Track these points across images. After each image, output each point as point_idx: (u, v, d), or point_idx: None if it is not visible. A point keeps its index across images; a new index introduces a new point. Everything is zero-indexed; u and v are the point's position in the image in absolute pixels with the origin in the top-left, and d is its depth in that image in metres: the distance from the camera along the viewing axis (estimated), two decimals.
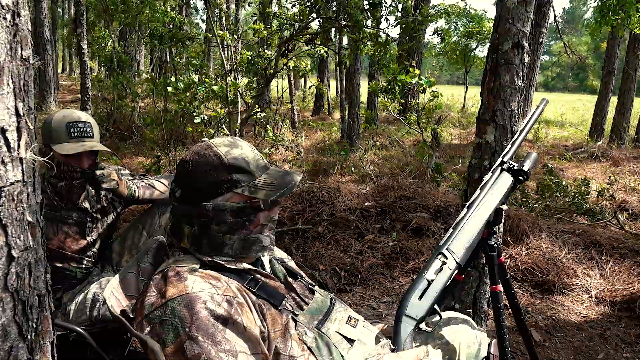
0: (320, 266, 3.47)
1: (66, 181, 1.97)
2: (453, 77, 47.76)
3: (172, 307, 1.02)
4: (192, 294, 1.04)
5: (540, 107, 1.77)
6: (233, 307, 1.05)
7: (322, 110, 15.01)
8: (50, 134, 1.91)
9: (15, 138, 0.83)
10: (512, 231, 3.80)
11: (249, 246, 1.21)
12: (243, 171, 1.19)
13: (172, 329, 1.01)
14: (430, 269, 1.35)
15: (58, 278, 2.00)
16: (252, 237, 1.21)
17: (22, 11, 0.83)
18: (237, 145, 1.22)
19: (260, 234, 1.22)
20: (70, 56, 25.10)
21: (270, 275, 1.26)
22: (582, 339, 2.76)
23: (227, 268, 1.18)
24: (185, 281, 1.07)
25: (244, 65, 5.39)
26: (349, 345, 1.22)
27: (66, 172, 1.96)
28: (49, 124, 1.92)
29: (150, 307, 1.05)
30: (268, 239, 1.24)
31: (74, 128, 1.93)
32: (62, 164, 1.94)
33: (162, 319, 1.02)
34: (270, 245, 1.25)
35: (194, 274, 1.10)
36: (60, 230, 1.99)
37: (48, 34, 10.79)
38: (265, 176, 1.23)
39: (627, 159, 7.83)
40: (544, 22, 8.97)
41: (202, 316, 1.01)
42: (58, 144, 1.90)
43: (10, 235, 0.83)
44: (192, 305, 1.02)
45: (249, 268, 1.21)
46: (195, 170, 1.18)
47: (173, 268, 1.13)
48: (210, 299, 1.04)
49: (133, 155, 6.83)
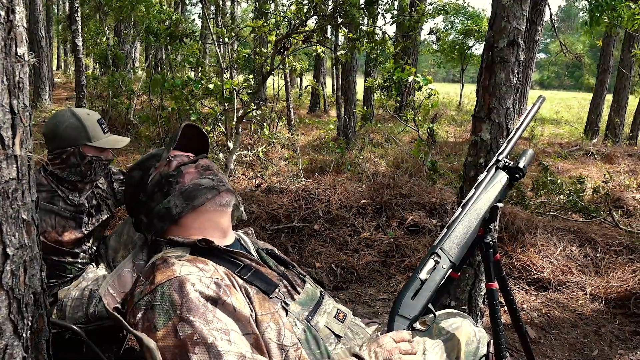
0: (317, 264, 3.47)
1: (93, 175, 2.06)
2: (449, 74, 47.85)
3: (162, 291, 1.03)
4: (180, 276, 1.04)
5: (537, 104, 1.77)
6: (221, 288, 1.06)
7: (318, 108, 15.01)
8: (86, 134, 1.98)
9: (9, 135, 0.82)
10: (508, 229, 3.82)
11: (190, 195, 1.25)
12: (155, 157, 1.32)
13: (163, 312, 1.01)
14: (424, 268, 1.36)
15: (54, 273, 2.01)
16: (186, 187, 1.25)
17: (17, 8, 0.82)
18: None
19: (196, 181, 1.27)
20: (65, 53, 24.97)
21: (261, 263, 1.27)
22: (577, 336, 2.78)
23: (217, 251, 1.19)
24: (173, 266, 1.08)
25: (240, 62, 5.38)
26: (337, 340, 1.22)
27: (97, 167, 2.04)
28: (79, 124, 1.97)
29: (140, 295, 1.05)
30: (208, 180, 1.28)
31: (103, 124, 2.06)
32: (95, 160, 2.01)
33: (152, 304, 1.02)
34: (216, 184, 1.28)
35: (181, 259, 1.11)
36: (57, 223, 2.00)
37: (43, 31, 10.72)
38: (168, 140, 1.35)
39: (622, 156, 7.87)
40: (539, 20, 8.99)
41: (192, 297, 1.01)
42: (98, 141, 2.00)
43: (5, 233, 0.83)
44: (181, 287, 1.02)
45: (238, 252, 1.22)
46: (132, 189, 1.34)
47: (161, 257, 1.14)
48: (198, 281, 1.05)
49: (128, 152, 6.81)
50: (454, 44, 16.22)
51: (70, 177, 2.01)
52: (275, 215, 4.07)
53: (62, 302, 1.99)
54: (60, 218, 2.02)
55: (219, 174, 1.33)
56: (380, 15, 4.63)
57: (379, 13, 4.56)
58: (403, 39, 7.86)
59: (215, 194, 1.26)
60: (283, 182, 4.94)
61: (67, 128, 1.95)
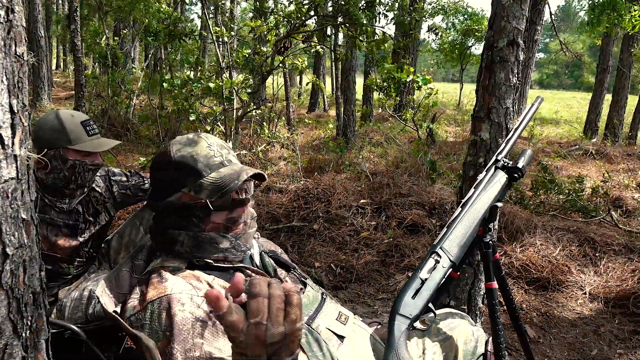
0: (316, 263, 3.47)
1: (80, 180, 1.94)
2: (448, 74, 47.84)
3: (152, 310, 1.03)
4: (171, 295, 1.04)
5: (536, 104, 1.78)
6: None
7: (318, 108, 15.01)
8: (66, 136, 1.86)
9: (9, 135, 0.82)
10: (507, 228, 3.82)
11: (201, 245, 1.17)
12: (189, 170, 1.17)
13: (153, 332, 1.01)
14: (424, 268, 1.36)
15: (51, 277, 2.00)
16: (203, 235, 1.17)
17: (16, 7, 0.82)
18: (193, 143, 1.20)
19: (215, 234, 1.18)
20: (64, 52, 24.95)
21: (259, 271, 1.26)
22: (576, 336, 2.78)
23: (216, 267, 1.18)
24: (166, 282, 1.07)
25: (240, 62, 5.38)
26: (339, 341, 1.22)
27: (81, 172, 1.93)
28: (60, 126, 1.87)
29: (132, 310, 1.06)
30: (227, 241, 1.19)
31: (89, 126, 1.92)
32: (77, 164, 1.89)
33: (142, 323, 1.03)
34: (233, 249, 1.20)
35: (177, 275, 1.10)
36: (49, 233, 1.97)
37: (42, 31, 10.72)
38: (215, 175, 1.18)
39: (621, 156, 7.88)
40: (539, 20, 8.98)
41: (178, 319, 1.00)
42: (79, 144, 1.88)
43: (4, 232, 0.83)
44: (170, 307, 1.02)
45: (239, 265, 1.21)
46: (155, 168, 1.23)
47: (157, 269, 1.13)
48: (189, 300, 1.04)
49: (128, 152, 6.81)
50: (453, 43, 16.23)
51: (55, 183, 1.91)
52: (274, 214, 4.07)
53: (61, 302, 1.98)
54: (52, 227, 1.97)
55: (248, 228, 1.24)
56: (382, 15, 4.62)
57: (379, 13, 4.56)
58: (403, 39, 7.86)
59: (218, 252, 1.19)
60: (282, 182, 4.94)
61: (48, 130, 1.86)
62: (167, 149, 1.21)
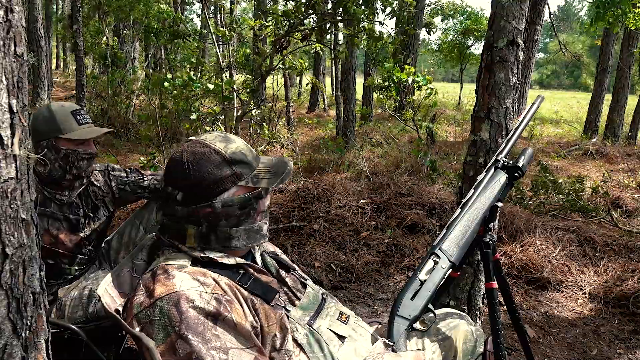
0: (316, 263, 3.47)
1: (75, 169, 1.95)
2: (448, 74, 47.83)
3: (161, 306, 1.02)
4: (180, 292, 1.03)
5: (536, 104, 1.78)
6: (222, 304, 1.05)
7: (318, 108, 15.01)
8: (56, 126, 1.90)
9: (8, 135, 0.82)
10: (507, 228, 3.82)
11: (253, 235, 1.23)
12: (243, 163, 1.20)
13: (162, 328, 1.00)
14: (423, 269, 1.36)
15: (53, 274, 2.00)
16: (255, 226, 1.23)
17: (16, 7, 0.82)
18: (230, 140, 1.23)
19: (261, 222, 1.25)
20: (64, 52, 24.94)
21: (262, 270, 1.26)
22: (576, 335, 2.78)
23: (220, 264, 1.17)
24: (173, 279, 1.07)
25: (241, 61, 5.37)
26: (340, 342, 1.22)
27: (74, 161, 1.94)
28: (50, 116, 1.90)
29: (139, 307, 1.05)
30: (265, 226, 1.27)
31: (79, 115, 1.95)
32: (70, 153, 1.92)
33: (151, 319, 1.02)
34: (267, 233, 1.28)
35: (183, 271, 1.10)
36: (50, 226, 1.98)
37: (42, 30, 10.69)
38: (262, 165, 1.25)
39: (621, 156, 7.88)
40: (538, 20, 8.97)
41: (190, 315, 1.00)
42: (70, 133, 1.91)
43: (4, 232, 0.83)
44: (180, 303, 1.02)
45: (242, 262, 1.21)
46: (197, 170, 1.16)
47: (162, 266, 1.12)
48: (198, 297, 1.04)
49: (128, 152, 6.81)
50: (453, 43, 16.24)
51: (51, 174, 1.93)
52: (274, 214, 4.07)
53: (61, 302, 1.98)
54: (54, 220, 1.98)
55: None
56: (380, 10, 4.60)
57: (377, 8, 4.54)
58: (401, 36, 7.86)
59: (262, 238, 1.26)
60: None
61: (40, 122, 1.89)
62: (213, 148, 1.18)
